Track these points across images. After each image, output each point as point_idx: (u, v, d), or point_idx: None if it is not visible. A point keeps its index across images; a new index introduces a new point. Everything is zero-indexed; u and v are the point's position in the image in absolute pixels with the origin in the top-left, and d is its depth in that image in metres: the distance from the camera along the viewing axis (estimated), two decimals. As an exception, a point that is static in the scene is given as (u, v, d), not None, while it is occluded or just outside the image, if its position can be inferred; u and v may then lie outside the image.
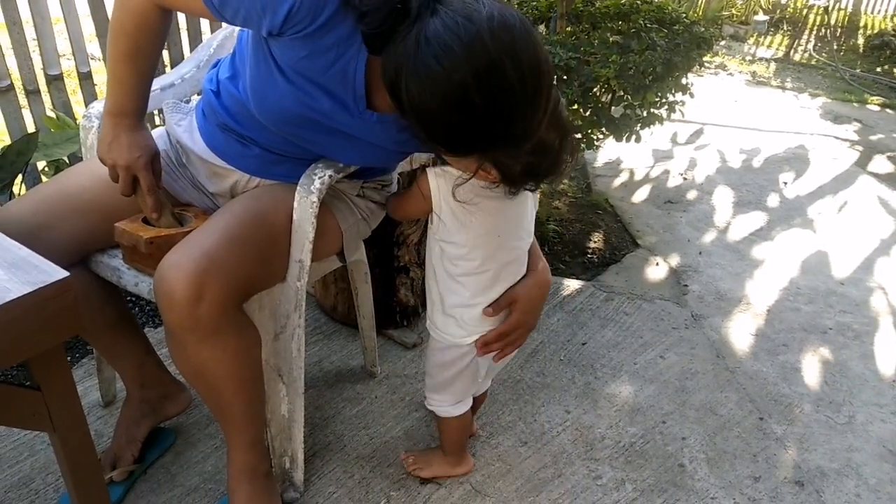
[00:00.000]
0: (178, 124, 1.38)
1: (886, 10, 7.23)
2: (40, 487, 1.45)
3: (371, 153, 1.25)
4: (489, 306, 1.29)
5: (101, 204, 1.27)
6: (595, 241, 2.65)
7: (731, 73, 5.42)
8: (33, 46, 2.12)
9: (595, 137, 2.68)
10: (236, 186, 1.34)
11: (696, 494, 1.56)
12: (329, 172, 1.25)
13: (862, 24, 7.12)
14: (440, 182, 1.22)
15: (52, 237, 1.20)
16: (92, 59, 2.43)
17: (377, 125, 1.16)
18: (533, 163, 1.09)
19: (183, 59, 2.47)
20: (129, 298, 1.96)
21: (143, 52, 1.19)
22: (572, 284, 2.32)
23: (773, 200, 3.13)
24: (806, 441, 1.73)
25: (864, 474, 1.64)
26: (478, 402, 1.55)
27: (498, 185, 1.16)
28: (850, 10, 7.24)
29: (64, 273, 1.00)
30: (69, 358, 1.76)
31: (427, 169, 1.24)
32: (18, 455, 1.52)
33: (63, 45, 2.37)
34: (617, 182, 3.22)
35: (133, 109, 1.22)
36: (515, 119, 0.93)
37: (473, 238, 1.25)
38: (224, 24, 1.79)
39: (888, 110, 4.71)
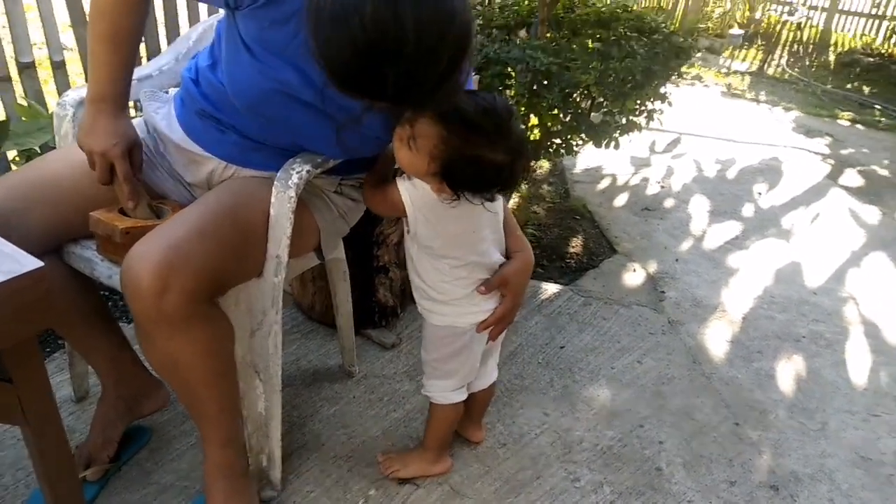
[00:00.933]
0: (155, 112, 1.36)
1: (856, 29, 7.41)
2: (10, 483, 1.41)
3: (342, 144, 1.23)
4: (482, 285, 1.30)
5: (77, 192, 1.23)
6: (573, 247, 2.66)
7: (706, 85, 5.50)
8: (4, 34, 2.07)
9: (574, 143, 2.70)
10: (213, 175, 1.32)
11: (673, 497, 1.56)
12: (307, 167, 1.23)
13: (833, 41, 7.29)
14: (413, 194, 1.23)
15: (24, 224, 1.16)
16: (65, 49, 2.38)
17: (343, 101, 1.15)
18: (485, 181, 1.14)
19: (160, 51, 2.43)
20: (103, 293, 1.92)
21: (121, 33, 1.17)
22: (550, 288, 2.32)
23: (747, 210, 3.18)
24: (780, 446, 1.75)
25: (836, 480, 1.66)
26: (485, 397, 1.56)
27: (455, 200, 1.18)
28: (821, 27, 7.41)
29: (37, 263, 0.97)
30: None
31: (398, 181, 1.24)
32: (-16, 451, 1.47)
33: (36, 34, 2.31)
34: (595, 188, 3.24)
35: (113, 95, 1.19)
36: (392, 72, 0.88)
37: (451, 240, 1.27)
38: (203, 17, 1.77)
39: (858, 125, 4.81)
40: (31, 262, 0.97)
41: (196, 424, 1.28)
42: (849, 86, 5.94)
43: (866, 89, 5.87)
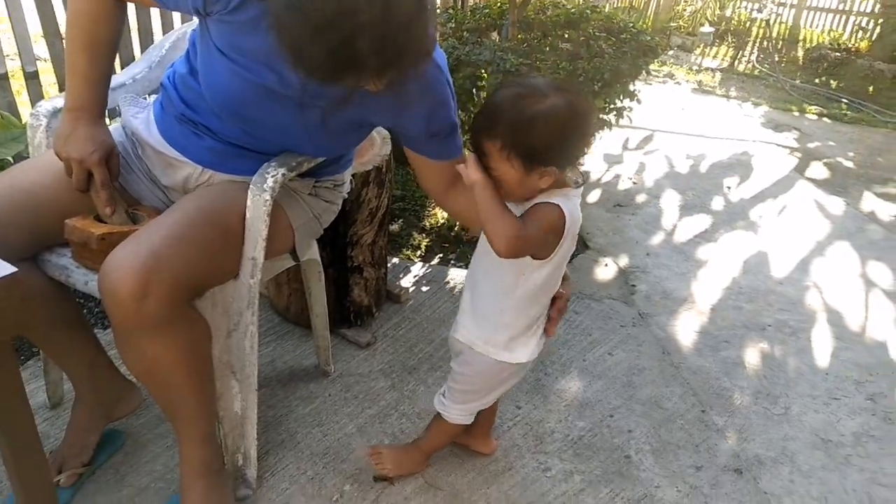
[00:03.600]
0: (134, 117, 1.39)
1: (824, 25, 7.56)
2: (-17, 489, 1.43)
3: (324, 137, 1.26)
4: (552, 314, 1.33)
5: (53, 200, 1.26)
6: (546, 243, 2.70)
7: (678, 82, 5.58)
8: (-23, 45, 2.09)
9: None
10: (189, 180, 1.35)
11: (641, 484, 1.61)
12: (282, 171, 1.27)
13: (801, 37, 7.42)
14: (572, 210, 1.18)
15: (0, 232, 1.19)
16: (38, 59, 2.39)
17: (322, 93, 1.17)
18: (566, 130, 1.11)
19: (134, 60, 2.45)
20: (77, 300, 1.93)
21: (98, 43, 1.21)
22: (524, 285, 2.37)
23: (717, 204, 3.25)
24: (745, 431, 1.81)
25: (797, 461, 1.72)
26: (493, 407, 1.55)
27: (579, 182, 1.19)
28: (790, 23, 7.54)
29: (11, 268, 0.99)
30: (14, 361, 1.73)
31: (555, 199, 1.16)
32: (-39, 458, 1.49)
33: (8, 44, 2.32)
34: (568, 186, 3.29)
35: (91, 104, 1.23)
36: (362, 43, 0.90)
37: (563, 262, 1.26)
38: (176, 25, 1.80)
39: (825, 119, 4.92)
40: (5, 268, 0.98)
41: (172, 424, 1.31)
42: (816, 80, 6.06)
43: (833, 84, 5.99)
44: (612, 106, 2.79)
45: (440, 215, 2.75)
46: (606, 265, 2.59)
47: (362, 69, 0.95)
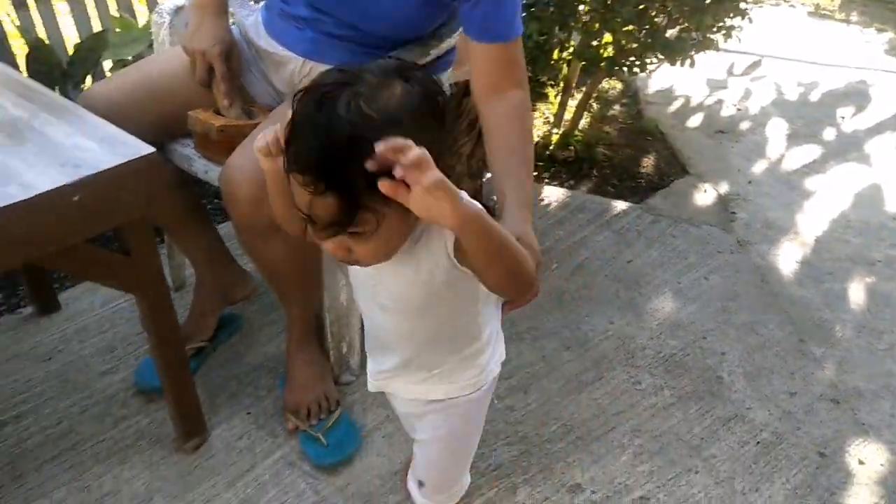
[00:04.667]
0: (245, 18, 1.45)
1: (967, -56, 6.80)
2: (122, 354, 1.60)
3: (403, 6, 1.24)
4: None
5: (178, 90, 1.34)
6: (644, 167, 2.64)
7: (792, 5, 5.20)
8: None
9: (649, 61, 2.64)
10: (294, 75, 1.39)
11: (732, 404, 1.61)
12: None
13: (939, -43, 6.72)
14: None
15: (131, 120, 1.26)
16: (152, -37, 2.45)
17: None
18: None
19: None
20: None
21: None
22: (619, 205, 2.34)
23: (828, 134, 3.06)
24: (845, 363, 1.76)
25: (901, 397, 1.68)
26: None
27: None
28: (927, -58, 6.83)
29: (150, 148, 1.08)
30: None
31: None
32: (101, 327, 1.67)
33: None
34: (668, 109, 3.18)
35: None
36: None
37: None
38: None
39: (958, 48, 4.50)
40: (145, 148, 1.07)
41: (282, 305, 1.44)
42: (952, 6, 5.51)
43: (972, 9, 5.44)
44: (720, 24, 2.64)
45: (540, 130, 2.72)
46: (705, 191, 2.52)
47: None
